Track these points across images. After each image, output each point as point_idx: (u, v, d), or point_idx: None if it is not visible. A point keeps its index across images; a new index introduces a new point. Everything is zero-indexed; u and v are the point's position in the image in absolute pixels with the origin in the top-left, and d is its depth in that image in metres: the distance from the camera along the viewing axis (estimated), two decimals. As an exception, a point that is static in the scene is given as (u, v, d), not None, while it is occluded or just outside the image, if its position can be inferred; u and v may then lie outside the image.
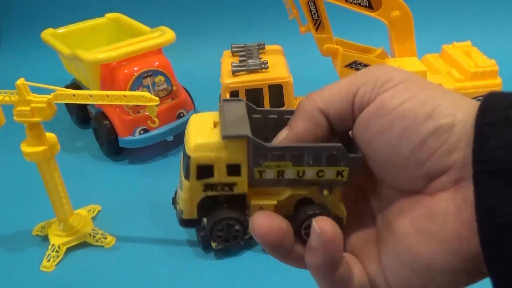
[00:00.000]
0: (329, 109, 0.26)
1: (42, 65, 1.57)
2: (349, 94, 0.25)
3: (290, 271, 0.91)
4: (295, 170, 0.27)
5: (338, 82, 0.26)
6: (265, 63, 1.01)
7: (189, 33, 1.59)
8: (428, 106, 0.23)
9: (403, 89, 0.24)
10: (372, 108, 0.25)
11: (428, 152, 0.23)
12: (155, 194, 1.06)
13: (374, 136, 0.25)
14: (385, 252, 0.26)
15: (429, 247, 0.23)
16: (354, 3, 1.01)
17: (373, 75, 0.25)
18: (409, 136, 0.23)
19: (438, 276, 0.23)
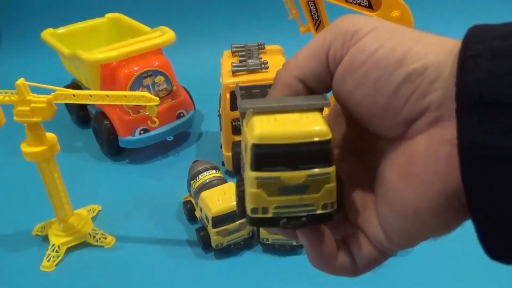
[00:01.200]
0: (305, 74, 0.26)
1: (42, 65, 1.57)
2: (322, 54, 0.25)
3: (290, 271, 0.91)
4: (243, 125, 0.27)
5: (309, 44, 0.26)
6: (265, 63, 1.01)
7: (189, 33, 1.59)
8: (398, 53, 0.23)
9: (372, 39, 0.24)
10: (345, 63, 0.25)
11: (403, 99, 0.23)
12: (155, 194, 1.06)
13: (351, 91, 0.25)
14: (380, 206, 0.26)
15: (414, 190, 0.24)
16: (354, 3, 1.01)
17: (342, 29, 0.25)
18: (383, 87, 0.24)
19: (428, 218, 0.24)
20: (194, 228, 0.92)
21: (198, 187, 0.91)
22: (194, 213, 0.95)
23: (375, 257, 0.27)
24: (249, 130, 0.24)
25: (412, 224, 0.24)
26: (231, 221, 0.86)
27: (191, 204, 0.97)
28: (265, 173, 0.23)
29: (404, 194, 0.24)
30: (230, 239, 0.87)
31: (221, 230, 0.85)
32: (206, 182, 0.91)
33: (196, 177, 0.93)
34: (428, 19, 1.48)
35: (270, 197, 0.24)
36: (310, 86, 0.26)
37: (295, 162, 0.23)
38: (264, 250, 0.90)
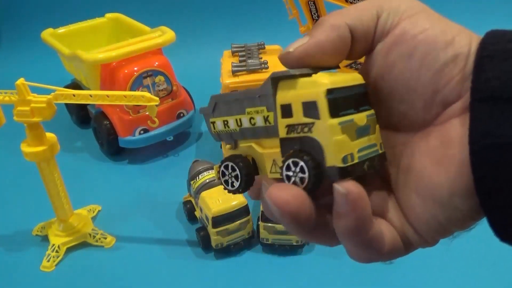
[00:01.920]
0: (356, 25, 0.26)
1: (42, 65, 1.57)
2: (374, 14, 0.26)
3: (290, 271, 0.91)
4: (233, 119, 0.28)
5: (360, 3, 0.27)
6: (265, 63, 1.01)
7: (189, 33, 1.60)
8: (448, 35, 0.24)
9: (423, 18, 0.25)
10: (396, 33, 0.25)
11: (446, 79, 0.24)
12: (155, 194, 1.06)
13: (395, 61, 0.25)
14: (406, 197, 0.26)
15: (449, 174, 0.24)
16: (354, 3, 1.01)
17: (396, 1, 0.26)
18: (430, 63, 0.24)
19: (461, 202, 0.24)
20: (194, 228, 0.92)
21: (198, 187, 0.91)
22: (194, 213, 0.95)
23: (400, 247, 0.27)
24: (311, 82, 0.24)
25: (444, 211, 0.24)
26: (231, 221, 0.86)
27: (191, 204, 0.97)
28: (343, 118, 0.24)
29: (438, 179, 0.24)
30: (230, 239, 0.87)
31: (221, 230, 0.85)
32: (206, 182, 0.91)
33: (196, 177, 0.93)
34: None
35: (352, 141, 0.24)
36: (355, 37, 0.26)
37: (355, 104, 0.25)
38: (264, 250, 0.90)
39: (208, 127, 0.30)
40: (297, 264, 0.87)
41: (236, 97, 0.28)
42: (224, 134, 0.29)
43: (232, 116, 0.28)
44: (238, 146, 0.29)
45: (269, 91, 0.26)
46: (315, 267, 0.86)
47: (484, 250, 0.85)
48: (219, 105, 0.29)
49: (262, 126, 0.27)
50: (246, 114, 0.27)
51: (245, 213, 0.87)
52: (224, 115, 0.29)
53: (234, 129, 0.28)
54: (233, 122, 0.28)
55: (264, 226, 0.86)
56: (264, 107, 0.26)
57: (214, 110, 0.29)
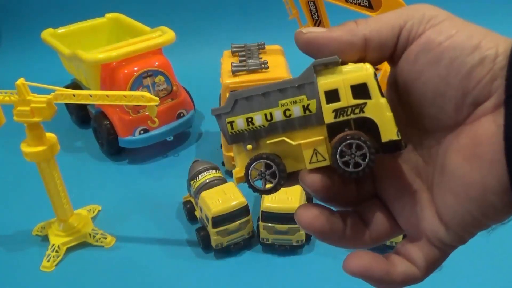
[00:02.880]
0: (372, 36, 0.27)
1: (42, 65, 1.57)
2: (396, 26, 0.27)
3: (290, 271, 0.91)
4: (262, 113, 0.27)
5: (384, 14, 0.27)
6: (265, 63, 1.01)
7: (189, 33, 1.60)
8: (474, 39, 0.25)
9: (449, 25, 0.26)
10: (421, 42, 0.26)
11: (475, 81, 0.25)
12: (155, 194, 1.06)
13: (423, 68, 0.26)
14: (440, 197, 0.27)
15: (481, 171, 0.24)
16: (354, 3, 1.01)
17: (420, 11, 0.27)
18: (458, 67, 0.25)
19: (495, 198, 0.24)
20: (194, 228, 0.92)
21: (198, 187, 0.91)
22: (194, 213, 0.95)
23: (436, 256, 0.28)
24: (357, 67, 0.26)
25: (479, 208, 0.25)
26: (231, 221, 0.86)
27: (191, 204, 0.97)
28: (385, 98, 0.26)
29: (471, 176, 0.25)
30: (230, 239, 0.87)
31: (221, 230, 0.85)
32: (206, 182, 0.91)
33: (196, 177, 0.93)
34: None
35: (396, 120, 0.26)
36: (370, 47, 0.27)
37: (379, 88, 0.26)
38: (264, 250, 0.90)
39: (223, 128, 0.28)
40: (297, 264, 0.87)
41: (263, 91, 0.27)
42: (244, 133, 0.28)
43: (259, 112, 0.27)
44: (260, 145, 0.28)
45: (312, 79, 0.26)
46: (315, 267, 0.86)
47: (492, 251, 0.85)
48: (240, 103, 0.27)
49: (300, 116, 0.27)
50: (280, 106, 0.27)
51: (245, 213, 0.87)
52: (247, 112, 0.27)
53: (261, 125, 0.27)
54: (260, 118, 0.27)
55: (264, 226, 0.86)
56: (304, 96, 0.26)
57: (233, 108, 0.27)
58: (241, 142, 0.28)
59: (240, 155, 0.28)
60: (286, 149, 0.28)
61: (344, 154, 0.26)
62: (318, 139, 0.27)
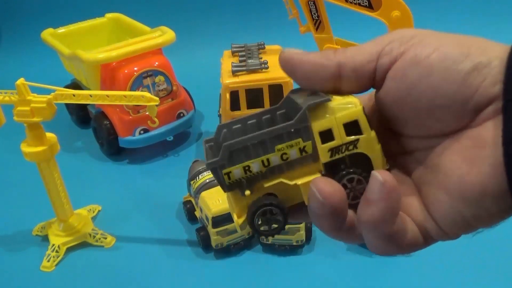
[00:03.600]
0: (347, 61, 0.27)
1: (42, 65, 1.57)
2: (373, 52, 0.26)
3: (290, 271, 0.91)
4: (259, 161, 0.27)
5: (363, 44, 0.27)
6: (265, 63, 1.01)
7: (189, 33, 1.60)
8: (462, 48, 0.24)
9: (432, 39, 0.25)
10: (407, 58, 0.26)
11: (473, 87, 0.24)
12: (155, 194, 1.06)
13: (414, 83, 0.26)
14: (432, 194, 0.27)
15: (481, 174, 0.24)
16: (354, 3, 1.01)
17: (398, 34, 0.26)
18: (452, 76, 0.24)
19: (491, 201, 0.24)
20: (194, 228, 0.92)
21: (198, 187, 0.91)
22: (194, 213, 0.95)
23: (418, 241, 0.28)
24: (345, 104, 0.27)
25: (472, 209, 0.25)
26: (231, 221, 0.86)
27: (191, 204, 0.97)
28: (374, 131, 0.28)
29: (470, 178, 0.24)
30: (230, 239, 0.87)
31: (221, 230, 0.85)
32: (206, 182, 0.91)
33: (196, 177, 0.93)
34: (428, 19, 1.48)
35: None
36: (345, 73, 0.27)
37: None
38: (264, 250, 0.90)
39: (220, 179, 0.28)
40: (297, 264, 0.87)
41: (257, 140, 0.27)
42: (242, 181, 0.28)
43: (256, 159, 0.27)
44: (258, 188, 0.28)
45: (307, 122, 0.27)
46: (315, 267, 0.86)
47: (488, 250, 0.85)
48: (235, 154, 0.27)
49: (296, 158, 0.27)
50: (276, 151, 0.27)
51: (245, 213, 0.87)
52: (243, 161, 0.27)
53: (259, 171, 0.28)
54: (258, 165, 0.27)
55: (264, 226, 0.86)
56: (300, 139, 0.27)
57: (229, 160, 0.27)
58: (237, 188, 0.28)
59: (237, 201, 0.28)
60: (284, 188, 0.28)
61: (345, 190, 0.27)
62: (314, 177, 0.27)
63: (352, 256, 0.87)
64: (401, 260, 0.86)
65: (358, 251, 0.88)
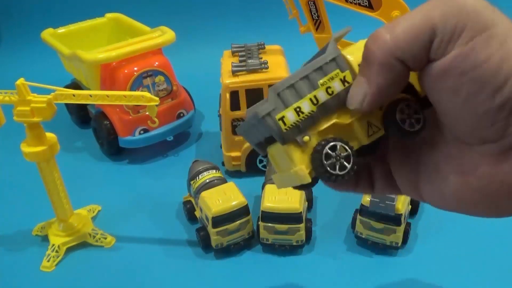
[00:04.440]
0: (406, 56, 0.24)
1: (42, 65, 1.57)
2: (425, 38, 0.23)
3: (290, 271, 0.91)
4: (307, 99, 0.27)
5: (411, 17, 0.24)
6: (265, 63, 1.01)
7: (189, 33, 1.59)
8: (500, 76, 0.22)
9: (480, 48, 0.22)
10: (444, 63, 0.23)
11: (488, 122, 0.23)
12: (155, 194, 1.06)
13: (440, 93, 0.24)
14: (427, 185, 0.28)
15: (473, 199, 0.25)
16: (354, 3, 1.01)
17: (452, 18, 0.23)
18: (474, 105, 0.23)
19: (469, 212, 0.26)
20: (194, 228, 0.92)
21: (198, 187, 0.91)
22: (194, 213, 0.95)
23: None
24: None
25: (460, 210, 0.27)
26: (231, 221, 0.86)
27: (191, 204, 0.97)
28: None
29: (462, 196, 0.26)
30: (230, 239, 0.87)
31: (221, 230, 0.85)
32: (206, 182, 0.91)
33: (196, 177, 0.93)
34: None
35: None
36: (409, 66, 0.25)
37: None
38: (264, 250, 0.90)
39: (274, 127, 0.26)
40: (297, 264, 0.87)
41: (300, 76, 0.27)
42: (298, 125, 0.27)
43: (305, 98, 0.27)
44: (313, 137, 0.27)
45: (338, 51, 0.27)
46: (315, 267, 0.86)
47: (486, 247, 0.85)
48: (283, 95, 0.26)
49: (341, 90, 0.27)
50: (321, 86, 0.27)
51: (245, 213, 0.87)
52: (293, 101, 0.27)
53: (310, 111, 0.27)
54: (307, 104, 0.27)
55: (264, 226, 0.86)
56: (337, 69, 0.27)
57: (277, 103, 0.26)
58: (296, 137, 0.27)
59: (296, 153, 0.27)
60: (339, 131, 0.27)
61: (403, 115, 0.27)
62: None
63: (352, 256, 0.87)
64: (401, 260, 0.86)
65: (358, 251, 0.88)
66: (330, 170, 0.26)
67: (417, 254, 0.86)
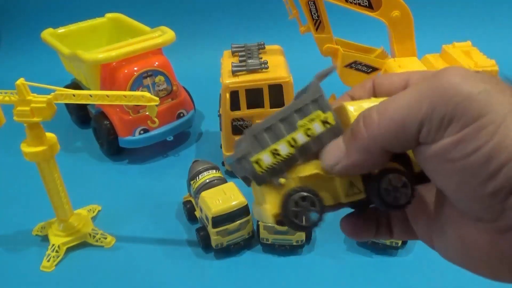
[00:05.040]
0: (394, 147, 0.24)
1: (42, 65, 1.57)
2: (413, 130, 0.23)
3: (290, 271, 0.91)
4: (285, 142, 0.26)
5: (399, 104, 0.24)
6: (265, 63, 1.01)
7: (189, 33, 1.60)
8: (493, 163, 0.22)
9: (470, 137, 0.22)
10: (433, 150, 0.23)
11: (482, 206, 0.23)
12: (155, 194, 1.06)
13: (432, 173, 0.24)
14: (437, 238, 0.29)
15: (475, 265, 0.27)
16: (354, 3, 1.01)
17: (440, 109, 0.22)
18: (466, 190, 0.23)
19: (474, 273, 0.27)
20: (194, 228, 0.92)
21: (198, 187, 0.91)
22: (194, 213, 0.95)
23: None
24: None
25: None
26: (231, 221, 0.86)
27: (191, 204, 0.97)
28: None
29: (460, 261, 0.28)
30: (230, 239, 0.87)
31: (221, 230, 0.85)
32: (206, 182, 0.91)
33: (196, 177, 0.93)
34: (428, 19, 1.48)
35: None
36: (393, 153, 0.25)
37: None
38: (264, 250, 0.90)
39: (249, 170, 0.26)
40: (297, 264, 0.87)
41: (279, 118, 0.26)
42: (274, 168, 0.26)
43: (282, 140, 0.26)
44: (292, 181, 0.27)
45: (321, 91, 0.26)
46: (315, 267, 0.86)
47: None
48: (259, 137, 0.26)
49: (321, 132, 0.26)
50: (299, 128, 0.26)
51: (245, 213, 0.87)
52: (270, 143, 0.26)
53: (288, 153, 0.26)
54: (285, 146, 0.26)
55: (264, 226, 0.86)
56: (318, 110, 0.26)
57: (253, 146, 0.26)
58: (271, 178, 0.26)
59: (270, 192, 0.27)
60: (321, 182, 0.27)
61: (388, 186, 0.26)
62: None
63: (352, 256, 0.87)
64: (401, 260, 0.86)
65: (358, 251, 0.88)
66: (294, 219, 0.26)
67: (417, 254, 0.87)
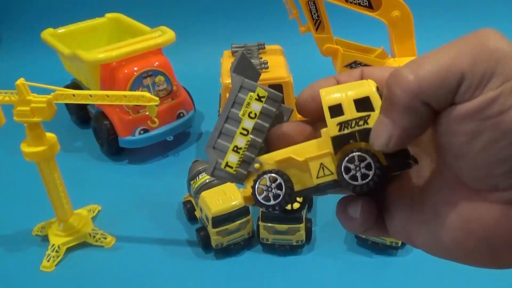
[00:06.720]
0: (431, 100, 0.23)
1: (42, 65, 1.57)
2: (452, 82, 0.23)
3: (290, 271, 0.91)
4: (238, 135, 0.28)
5: (437, 57, 0.23)
6: (265, 63, 1.01)
7: (189, 33, 1.60)
8: None
9: (509, 92, 0.22)
10: (467, 107, 0.23)
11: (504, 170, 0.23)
12: (155, 194, 1.06)
13: (455, 136, 0.24)
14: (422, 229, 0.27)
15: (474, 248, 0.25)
16: (354, 3, 1.01)
17: (481, 63, 0.22)
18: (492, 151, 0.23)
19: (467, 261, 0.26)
20: (194, 228, 0.92)
21: (198, 187, 0.91)
22: (194, 213, 0.95)
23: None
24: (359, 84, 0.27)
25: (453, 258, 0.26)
26: (231, 221, 0.86)
27: (191, 204, 0.97)
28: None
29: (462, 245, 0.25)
30: (230, 239, 0.87)
31: (221, 230, 0.85)
32: (206, 182, 0.91)
33: (196, 177, 0.93)
34: (428, 19, 1.48)
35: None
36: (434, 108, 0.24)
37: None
38: (264, 250, 0.90)
39: (225, 175, 0.29)
40: (297, 264, 0.87)
41: (223, 121, 0.28)
42: (243, 160, 0.28)
43: (236, 135, 0.28)
44: (266, 166, 0.28)
45: (240, 79, 0.28)
46: (315, 267, 0.86)
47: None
48: (217, 146, 0.28)
49: (262, 107, 0.28)
50: (243, 117, 0.28)
51: (245, 213, 0.87)
52: (229, 145, 0.28)
53: (246, 142, 0.28)
54: (241, 138, 0.28)
55: (264, 226, 0.86)
56: (249, 93, 0.28)
57: (218, 153, 0.28)
58: (247, 170, 0.28)
59: (249, 181, 0.28)
60: (295, 166, 0.28)
61: (350, 164, 0.26)
62: (323, 152, 0.27)
63: (352, 256, 0.87)
64: (401, 260, 0.86)
65: (358, 251, 0.88)
66: (260, 200, 0.28)
67: (417, 254, 0.86)
